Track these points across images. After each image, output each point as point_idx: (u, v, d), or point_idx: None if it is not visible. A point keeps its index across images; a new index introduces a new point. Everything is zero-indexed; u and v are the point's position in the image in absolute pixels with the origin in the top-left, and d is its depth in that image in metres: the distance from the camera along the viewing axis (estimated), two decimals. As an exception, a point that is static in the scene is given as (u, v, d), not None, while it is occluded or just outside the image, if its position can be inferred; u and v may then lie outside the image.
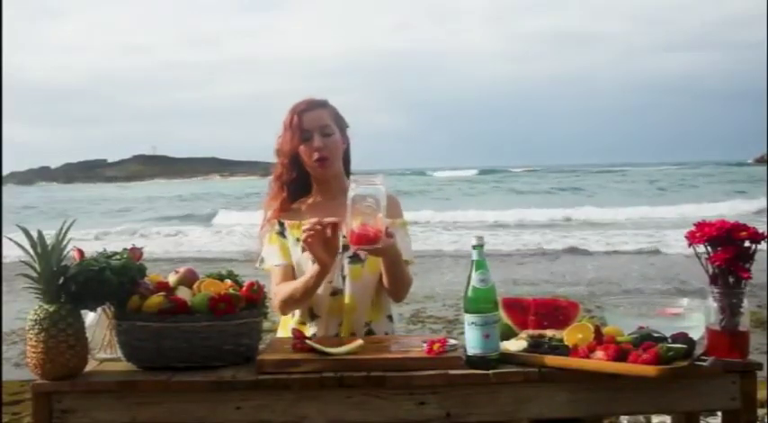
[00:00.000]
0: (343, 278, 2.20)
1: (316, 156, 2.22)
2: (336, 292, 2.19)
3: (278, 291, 2.18)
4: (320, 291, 2.16)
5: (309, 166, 2.26)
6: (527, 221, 17.06)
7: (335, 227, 1.98)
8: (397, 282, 2.16)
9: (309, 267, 2.13)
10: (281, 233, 2.26)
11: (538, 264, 10.51)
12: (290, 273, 2.22)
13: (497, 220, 17.51)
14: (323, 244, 1.99)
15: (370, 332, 2.22)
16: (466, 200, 27.30)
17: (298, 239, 2.20)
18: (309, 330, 2.20)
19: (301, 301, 2.15)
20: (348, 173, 2.36)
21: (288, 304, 2.18)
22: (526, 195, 29.52)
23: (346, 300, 2.19)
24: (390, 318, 2.30)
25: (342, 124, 2.31)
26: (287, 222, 2.26)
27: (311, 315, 2.21)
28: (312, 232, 1.97)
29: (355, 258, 2.20)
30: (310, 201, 2.31)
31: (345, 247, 2.18)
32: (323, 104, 2.29)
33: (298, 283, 2.13)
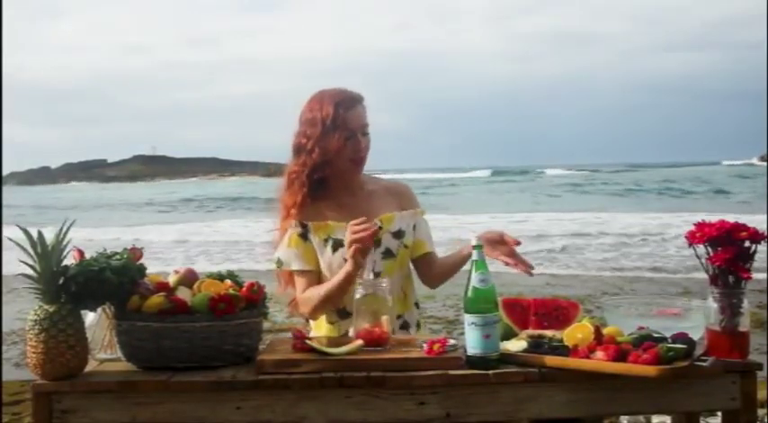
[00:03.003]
0: (377, 274, 2.16)
1: (356, 156, 2.17)
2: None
3: (306, 299, 2.15)
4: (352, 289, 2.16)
5: (343, 165, 2.18)
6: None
7: (375, 232, 2.01)
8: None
9: (339, 267, 2.12)
10: (304, 235, 2.19)
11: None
12: (315, 279, 2.19)
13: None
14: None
15: (405, 325, 2.23)
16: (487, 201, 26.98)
17: (326, 240, 2.18)
18: (341, 329, 2.19)
19: (335, 303, 2.15)
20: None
21: (318, 309, 2.17)
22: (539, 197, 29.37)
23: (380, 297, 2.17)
24: (417, 305, 2.32)
25: None
26: (310, 224, 2.19)
27: (343, 313, 2.19)
28: (363, 235, 1.95)
29: (388, 253, 2.20)
30: (329, 197, 2.24)
31: (377, 243, 2.18)
32: (362, 99, 2.21)
33: (330, 286, 2.10)
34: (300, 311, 2.19)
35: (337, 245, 2.16)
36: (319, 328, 2.25)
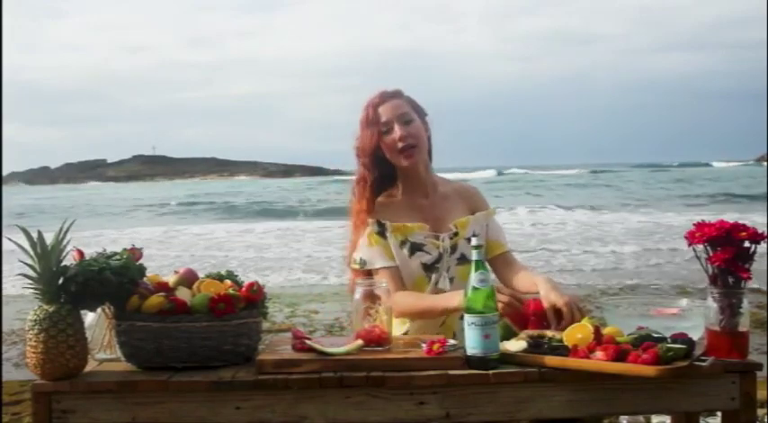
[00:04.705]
0: (451, 279, 2.20)
1: (400, 145, 2.18)
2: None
3: (400, 300, 2.12)
4: (426, 292, 2.19)
5: (395, 160, 2.21)
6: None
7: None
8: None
9: (418, 271, 2.17)
10: (381, 233, 2.22)
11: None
12: (399, 274, 2.20)
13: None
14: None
15: None
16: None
17: (403, 242, 2.20)
18: (403, 328, 2.22)
19: (426, 317, 2.17)
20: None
21: (407, 316, 2.20)
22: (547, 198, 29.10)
23: None
24: None
25: (421, 112, 2.27)
26: (388, 223, 2.22)
27: None
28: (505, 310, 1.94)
29: (463, 259, 2.21)
30: (402, 198, 2.27)
31: (453, 249, 2.18)
32: (398, 94, 2.25)
33: (433, 305, 2.11)
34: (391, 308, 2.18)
35: (415, 248, 2.20)
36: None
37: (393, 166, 2.26)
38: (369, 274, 2.23)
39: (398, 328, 2.24)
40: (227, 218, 23.13)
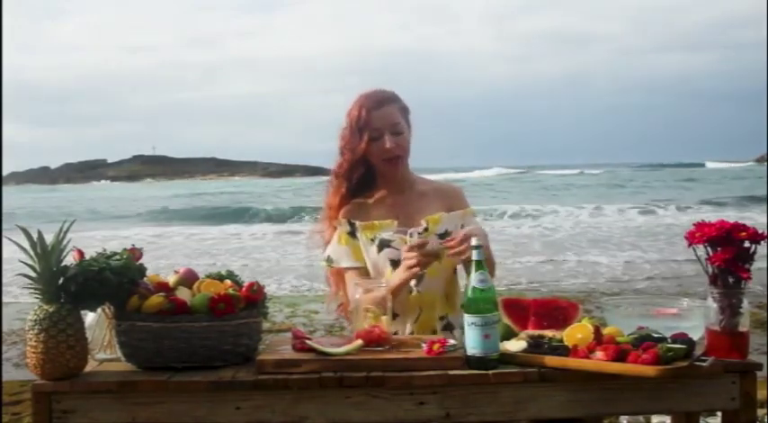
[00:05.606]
0: (420, 277, 2.20)
1: (387, 156, 2.20)
2: (413, 290, 2.20)
3: (363, 299, 2.09)
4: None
5: (378, 165, 2.24)
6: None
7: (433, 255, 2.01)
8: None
9: (386, 267, 2.18)
10: (352, 233, 2.25)
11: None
12: (366, 275, 2.23)
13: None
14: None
15: (448, 326, 2.23)
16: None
17: (372, 240, 2.22)
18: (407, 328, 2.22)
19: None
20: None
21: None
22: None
23: (424, 296, 2.20)
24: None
25: (407, 115, 2.28)
26: (358, 223, 2.24)
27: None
28: (422, 261, 2.01)
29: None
30: (377, 195, 2.30)
31: (422, 245, 2.20)
32: (393, 99, 2.25)
33: (379, 292, 2.09)
34: (352, 307, 2.17)
35: (383, 245, 2.21)
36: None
37: (373, 166, 2.27)
38: (339, 273, 2.27)
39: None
40: (227, 219, 23.08)
